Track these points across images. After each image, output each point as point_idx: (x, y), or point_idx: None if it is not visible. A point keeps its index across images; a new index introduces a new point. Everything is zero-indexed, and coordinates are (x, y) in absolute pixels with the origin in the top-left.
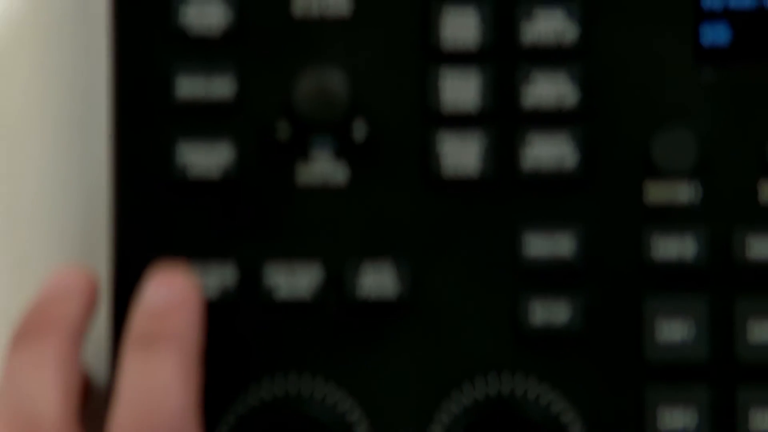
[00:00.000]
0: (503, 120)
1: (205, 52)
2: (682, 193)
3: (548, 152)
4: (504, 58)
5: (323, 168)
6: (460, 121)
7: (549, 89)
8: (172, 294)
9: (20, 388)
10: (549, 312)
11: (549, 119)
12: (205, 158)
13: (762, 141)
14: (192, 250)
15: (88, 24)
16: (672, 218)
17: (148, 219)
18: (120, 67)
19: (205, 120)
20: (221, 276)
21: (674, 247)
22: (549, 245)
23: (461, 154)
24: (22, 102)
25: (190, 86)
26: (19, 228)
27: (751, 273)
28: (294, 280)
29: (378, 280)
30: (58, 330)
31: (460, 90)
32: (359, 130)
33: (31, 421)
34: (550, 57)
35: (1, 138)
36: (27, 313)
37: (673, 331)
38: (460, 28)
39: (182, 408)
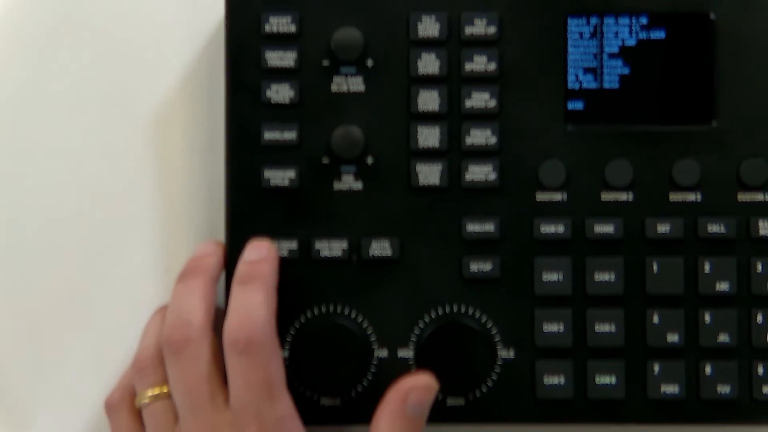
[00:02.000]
0: (452, 154)
1: (279, 114)
2: (556, 196)
3: (479, 173)
4: (453, 120)
5: (348, 182)
6: (428, 155)
7: (480, 136)
8: (261, 252)
9: (180, 303)
10: (480, 265)
11: (479, 153)
12: (279, 175)
13: (602, 166)
14: (272, 229)
15: (215, 96)
16: (551, 212)
17: (247, 212)
18: (231, 122)
19: (279, 153)
20: (288, 245)
21: (552, 228)
22: (479, 227)
23: (429, 174)
24: (186, 143)
25: (271, 134)
26: (175, 218)
27: (598, 244)
28: (331, 246)
29: (380, 247)
30: (204, 273)
31: (428, 137)
32: (369, 161)
33: (186, 321)
34: (480, 117)
35: (170, 163)
36: (187, 262)
37: (551, 277)
38: (428, 101)
39: (265, 318)
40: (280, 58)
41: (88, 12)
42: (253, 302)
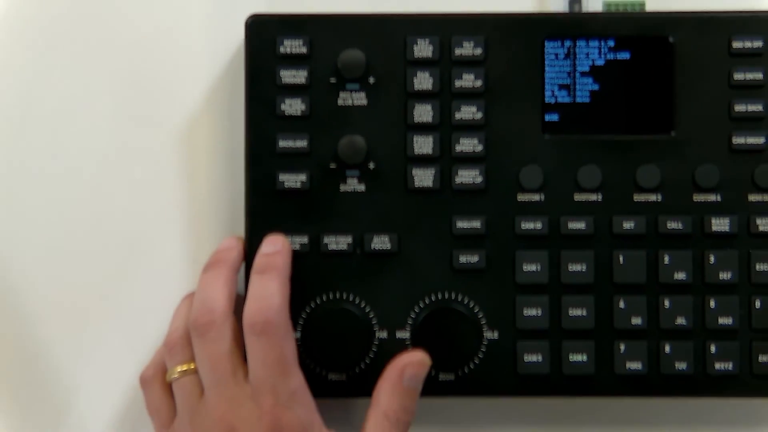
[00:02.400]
0: (444, 160)
1: (292, 125)
2: (534, 197)
3: (467, 176)
4: (444, 130)
5: (353, 185)
6: (423, 161)
7: (468, 145)
8: (276, 246)
9: (206, 291)
10: (468, 258)
11: (467, 160)
12: (292, 179)
13: (575, 170)
14: (286, 226)
15: (236, 110)
16: (530, 211)
17: (264, 211)
18: (250, 132)
19: (292, 160)
20: (300, 239)
21: (531, 225)
22: (467, 224)
23: (423, 177)
24: (211, 151)
25: (285, 143)
26: (201, 216)
27: (571, 239)
28: (337, 241)
29: (381, 241)
30: (226, 264)
31: (423, 145)
32: (371, 166)
33: (210, 307)
34: (468, 128)
35: (197, 168)
36: (211, 255)
37: (530, 268)
38: (423, 114)
39: (280, 304)
40: (293, 76)
41: (127, 38)
42: (269, 290)
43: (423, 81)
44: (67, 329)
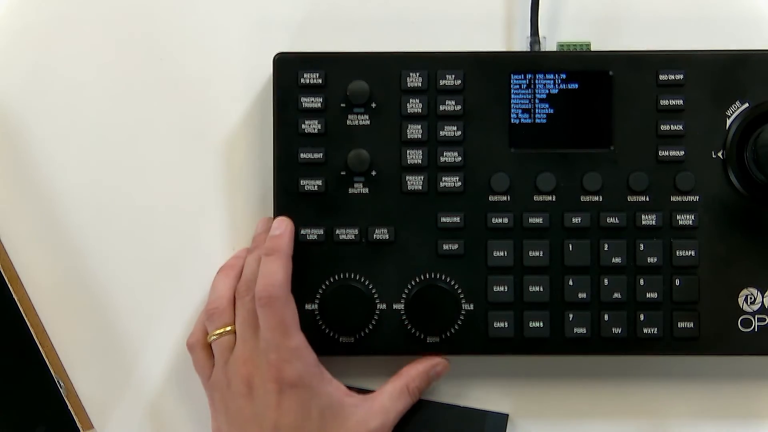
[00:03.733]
0: (431, 169)
1: (311, 141)
2: (502, 198)
3: (449, 182)
4: (431, 145)
5: (359, 188)
6: (414, 170)
7: (450, 157)
8: (281, 228)
9: (266, 266)
10: (450, 246)
11: (450, 168)
12: (311, 183)
13: (534, 177)
14: (306, 221)
15: (266, 128)
16: (499, 209)
17: (289, 209)
18: (277, 146)
19: (311, 168)
20: (317, 231)
21: (499, 220)
22: (449, 219)
23: (415, 183)
24: (247, 161)
25: (305, 155)
26: (238, 213)
27: (531, 231)
28: (347, 233)
29: (381, 233)
30: (284, 247)
31: (414, 157)
32: (374, 173)
33: (270, 282)
34: (450, 143)
35: (236, 175)
36: (268, 238)
37: (499, 254)
38: (414, 132)
39: (282, 280)
40: (311, 102)
41: (182, 73)
42: (272, 269)
43: (414, 106)
44: (134, 304)
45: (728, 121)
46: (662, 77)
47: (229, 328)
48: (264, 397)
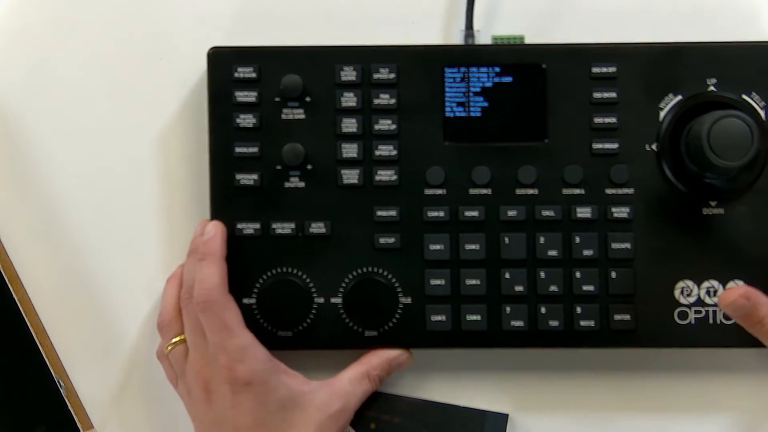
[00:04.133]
0: (366, 163)
1: (246, 135)
2: (438, 192)
3: (385, 175)
4: (366, 139)
5: (294, 182)
6: (350, 163)
7: (385, 150)
8: (210, 232)
9: (203, 273)
10: (386, 239)
11: (385, 162)
12: (247, 178)
13: (469, 170)
14: (242, 215)
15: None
16: (435, 202)
17: (225, 203)
18: (212, 140)
19: (246, 162)
20: (254, 225)
21: (435, 213)
22: (385, 213)
23: (350, 176)
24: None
25: (240, 149)
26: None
27: (467, 224)
28: (283, 227)
29: (317, 227)
30: (216, 250)
31: (350, 151)
32: (309, 167)
33: (207, 287)
34: (385, 137)
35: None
36: (201, 243)
37: (435, 247)
38: (349, 126)
39: (217, 283)
40: (246, 96)
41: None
42: (207, 273)
43: (349, 100)
44: (135, 302)
45: (662, 114)
46: (595, 70)
47: (179, 338)
48: (221, 401)
